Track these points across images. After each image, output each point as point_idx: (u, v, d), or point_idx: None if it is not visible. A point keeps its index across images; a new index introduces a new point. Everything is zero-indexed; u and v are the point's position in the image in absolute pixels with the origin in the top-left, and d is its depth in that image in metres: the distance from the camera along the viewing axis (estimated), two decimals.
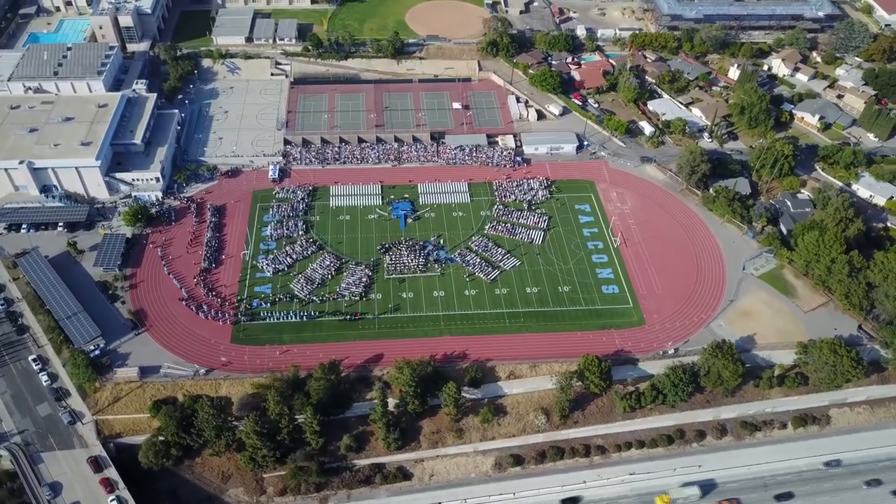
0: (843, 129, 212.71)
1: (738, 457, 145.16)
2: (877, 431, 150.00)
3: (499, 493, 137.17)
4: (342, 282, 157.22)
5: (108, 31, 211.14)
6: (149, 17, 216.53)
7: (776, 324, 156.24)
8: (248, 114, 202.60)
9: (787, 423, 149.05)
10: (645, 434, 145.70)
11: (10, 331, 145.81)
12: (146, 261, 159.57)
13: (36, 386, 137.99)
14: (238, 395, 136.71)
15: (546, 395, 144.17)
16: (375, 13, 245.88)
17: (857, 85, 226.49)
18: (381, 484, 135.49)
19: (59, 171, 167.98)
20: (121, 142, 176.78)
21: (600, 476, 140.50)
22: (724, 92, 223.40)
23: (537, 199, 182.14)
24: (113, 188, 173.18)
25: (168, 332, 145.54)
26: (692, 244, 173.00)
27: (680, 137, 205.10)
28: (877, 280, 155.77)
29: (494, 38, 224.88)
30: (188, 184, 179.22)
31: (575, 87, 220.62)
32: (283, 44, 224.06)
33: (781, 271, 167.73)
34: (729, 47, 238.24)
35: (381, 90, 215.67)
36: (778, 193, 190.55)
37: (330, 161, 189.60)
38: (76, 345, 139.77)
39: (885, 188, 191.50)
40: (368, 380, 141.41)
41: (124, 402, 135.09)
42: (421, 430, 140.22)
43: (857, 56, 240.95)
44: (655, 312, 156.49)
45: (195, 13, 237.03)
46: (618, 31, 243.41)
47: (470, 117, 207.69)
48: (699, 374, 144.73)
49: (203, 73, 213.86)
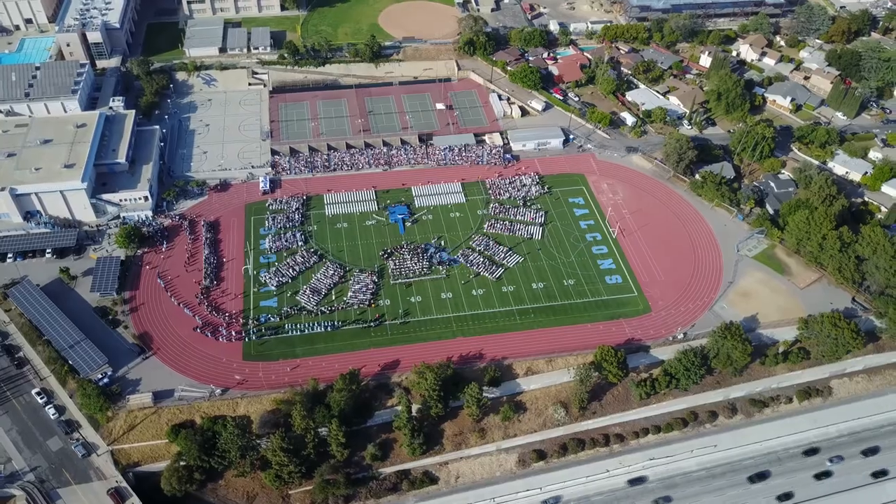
0: (812, 110, 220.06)
1: (750, 434, 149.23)
2: (875, 399, 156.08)
3: (525, 489, 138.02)
4: (349, 290, 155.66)
5: (76, 47, 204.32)
6: (117, 31, 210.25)
7: (775, 302, 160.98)
8: (230, 125, 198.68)
9: (793, 397, 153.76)
10: (660, 419, 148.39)
11: (7, 365, 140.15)
12: (144, 282, 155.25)
13: (43, 420, 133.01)
14: (257, 413, 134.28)
15: (563, 388, 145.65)
16: (347, 17, 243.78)
17: (821, 66, 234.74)
18: (408, 490, 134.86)
19: (42, 196, 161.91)
20: (104, 162, 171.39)
21: (622, 464, 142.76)
22: (697, 79, 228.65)
23: (531, 194, 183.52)
24: (100, 210, 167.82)
25: (177, 354, 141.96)
26: (686, 230, 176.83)
27: (661, 126, 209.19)
28: (866, 253, 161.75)
29: (471, 37, 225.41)
30: (177, 201, 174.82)
31: (554, 81, 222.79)
32: (257, 53, 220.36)
33: (774, 251, 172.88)
34: (697, 35, 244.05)
35: (363, 94, 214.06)
36: (760, 175, 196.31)
37: (320, 169, 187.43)
38: (83, 374, 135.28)
39: (858, 164, 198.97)
40: (388, 387, 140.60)
41: (140, 429, 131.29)
42: (443, 433, 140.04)
43: (817, 38, 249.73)
44: (660, 299, 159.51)
45: (162, 25, 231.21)
46: (589, 25, 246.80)
47: (455, 117, 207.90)
48: (709, 356, 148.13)
49: (179, 87, 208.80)
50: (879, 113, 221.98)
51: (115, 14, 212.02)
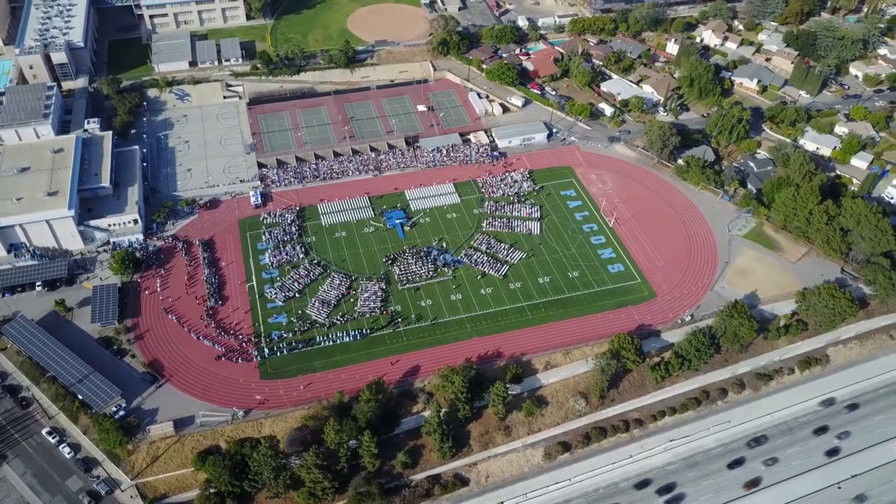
0: (778, 90, 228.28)
1: (759, 407, 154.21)
2: (869, 363, 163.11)
3: (554, 482, 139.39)
4: (359, 299, 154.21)
5: (39, 70, 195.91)
6: (82, 50, 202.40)
7: (771, 278, 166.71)
8: (211, 140, 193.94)
9: (794, 367, 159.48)
10: (675, 401, 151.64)
11: (12, 407, 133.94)
12: (146, 308, 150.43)
13: (58, 460, 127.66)
14: (283, 432, 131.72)
15: (581, 379, 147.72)
16: (315, 23, 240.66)
17: (780, 48, 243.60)
18: (441, 495, 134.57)
19: (27, 227, 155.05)
20: (88, 187, 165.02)
21: (643, 448, 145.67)
22: (666, 67, 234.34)
23: (523, 190, 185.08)
24: (87, 237, 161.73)
25: (191, 379, 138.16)
26: (677, 214, 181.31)
27: (639, 114, 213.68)
28: (850, 224, 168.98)
29: (444, 37, 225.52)
30: (167, 221, 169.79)
31: (530, 77, 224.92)
32: (229, 65, 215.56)
33: (762, 228, 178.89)
34: (661, 23, 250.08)
35: (342, 101, 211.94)
36: (738, 156, 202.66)
37: (309, 179, 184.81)
38: (96, 409, 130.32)
39: (828, 140, 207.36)
40: (412, 393, 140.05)
41: (164, 460, 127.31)
42: (469, 434, 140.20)
43: (773, 21, 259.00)
44: (663, 284, 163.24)
45: (125, 42, 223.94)
46: (557, 19, 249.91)
47: (439, 118, 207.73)
48: (717, 335, 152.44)
49: (152, 104, 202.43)
50: (839, 89, 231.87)
51: (78, 33, 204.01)
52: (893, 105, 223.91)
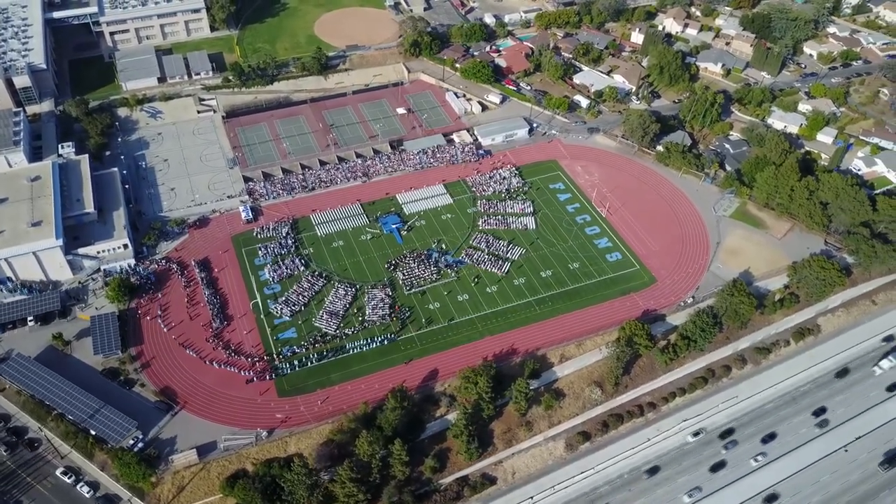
0: (740, 72, 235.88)
1: (762, 381, 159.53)
2: (855, 329, 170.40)
3: (579, 472, 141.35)
4: (367, 307, 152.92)
5: (1, 95, 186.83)
6: (44, 72, 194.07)
7: (761, 254, 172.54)
8: (191, 157, 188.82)
9: (789, 339, 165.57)
10: (683, 381, 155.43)
11: (20, 449, 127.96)
12: (148, 335, 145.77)
13: (77, 501, 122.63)
14: (310, 448, 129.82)
15: (595, 368, 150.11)
16: (282, 31, 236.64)
17: (738, 31, 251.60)
18: (471, 496, 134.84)
19: (13, 261, 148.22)
20: (72, 214, 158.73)
21: (659, 430, 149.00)
22: (633, 56, 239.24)
23: (513, 186, 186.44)
24: (76, 266, 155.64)
25: (207, 404, 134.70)
26: (664, 199, 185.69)
27: (613, 104, 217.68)
28: (829, 198, 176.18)
29: (416, 38, 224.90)
30: (157, 244, 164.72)
31: (503, 73, 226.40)
32: (199, 78, 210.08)
33: (746, 208, 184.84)
34: (623, 14, 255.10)
35: (319, 108, 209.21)
36: (713, 139, 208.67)
37: (298, 189, 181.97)
38: (112, 443, 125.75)
39: (794, 118, 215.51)
40: (433, 397, 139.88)
41: (190, 489, 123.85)
42: (492, 432, 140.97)
43: (727, 6, 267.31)
44: (661, 269, 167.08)
45: (86, 61, 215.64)
46: (523, 15, 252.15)
47: (420, 120, 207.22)
48: (718, 314, 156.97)
49: (123, 124, 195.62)
50: (797, 69, 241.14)
51: (38, 54, 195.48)
52: (849, 80, 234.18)
